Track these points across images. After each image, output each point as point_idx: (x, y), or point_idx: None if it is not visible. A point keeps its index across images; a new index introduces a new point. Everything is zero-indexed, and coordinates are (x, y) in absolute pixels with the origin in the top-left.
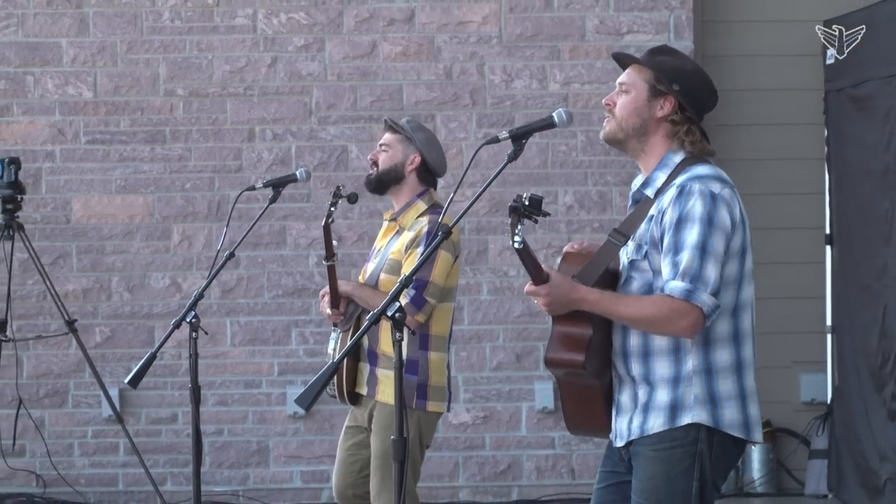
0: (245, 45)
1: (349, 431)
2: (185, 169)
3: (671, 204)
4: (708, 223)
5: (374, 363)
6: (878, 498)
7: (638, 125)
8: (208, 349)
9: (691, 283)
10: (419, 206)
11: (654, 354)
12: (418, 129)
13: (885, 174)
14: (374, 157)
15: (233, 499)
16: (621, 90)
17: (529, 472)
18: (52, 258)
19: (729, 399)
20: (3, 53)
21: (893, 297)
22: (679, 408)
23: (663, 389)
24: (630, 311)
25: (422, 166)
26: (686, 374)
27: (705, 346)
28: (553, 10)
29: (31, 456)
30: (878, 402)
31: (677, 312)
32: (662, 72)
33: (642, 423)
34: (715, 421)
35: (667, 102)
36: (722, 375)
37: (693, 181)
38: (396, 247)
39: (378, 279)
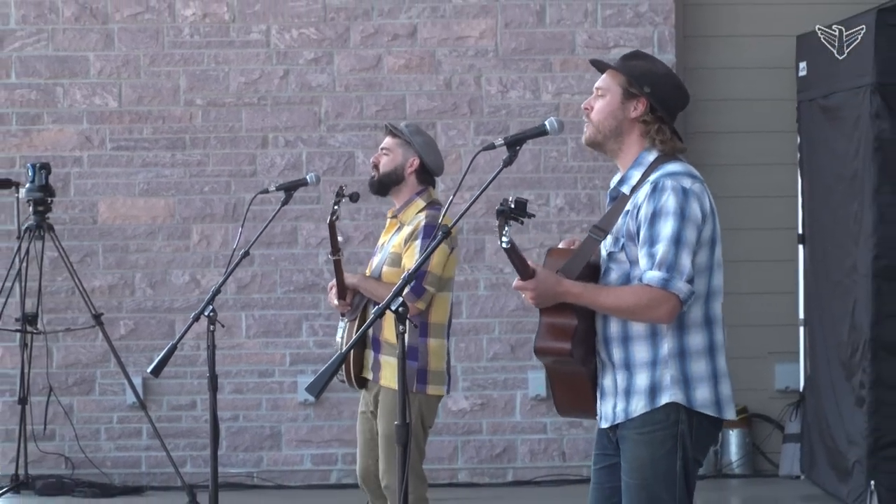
0: (259, 59)
1: (363, 416)
2: (203, 173)
3: (646, 199)
4: (681, 216)
5: (377, 350)
6: (847, 479)
7: (613, 126)
8: (225, 341)
9: (668, 273)
10: (418, 203)
11: (632, 340)
12: (416, 133)
13: (854, 179)
14: (375, 161)
15: (248, 480)
16: (598, 94)
17: (523, 455)
18: (79, 256)
19: (702, 380)
20: (34, 66)
21: (862, 293)
22: (657, 389)
23: (642, 373)
24: (611, 301)
25: (420, 168)
26: (662, 357)
27: (680, 331)
28: (545, 25)
29: (61, 440)
30: (847, 390)
31: (656, 300)
32: (634, 75)
33: (625, 406)
34: (689, 400)
35: (639, 104)
36: (695, 358)
37: (665, 178)
38: (397, 241)
39: (381, 271)
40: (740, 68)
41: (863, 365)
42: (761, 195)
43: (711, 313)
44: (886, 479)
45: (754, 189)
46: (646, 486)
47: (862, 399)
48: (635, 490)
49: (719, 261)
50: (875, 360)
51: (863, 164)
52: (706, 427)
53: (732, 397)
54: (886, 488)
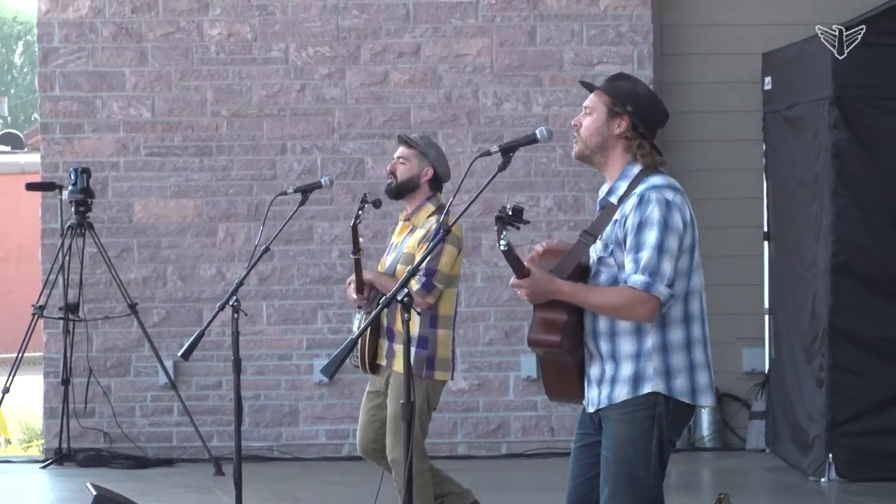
0: (278, 74)
1: (370, 395)
2: (228, 177)
3: (632, 210)
4: (664, 226)
5: (391, 339)
6: (808, 451)
7: (599, 142)
8: (247, 328)
9: (650, 277)
10: (429, 207)
11: (619, 334)
12: (430, 146)
13: (815, 183)
14: (392, 168)
15: (268, 453)
16: (586, 112)
17: (516, 430)
18: (116, 252)
19: (680, 371)
20: (76, 81)
21: (822, 285)
22: (640, 379)
23: (627, 364)
24: (599, 300)
25: (433, 177)
26: (646, 350)
27: (662, 327)
28: (536, 44)
29: (100, 417)
30: (808, 372)
31: (638, 301)
32: (618, 96)
33: (609, 392)
34: (669, 389)
35: (622, 121)
36: (675, 351)
37: (651, 191)
38: (411, 242)
39: (395, 270)
40: (712, 83)
41: (822, 350)
42: (730, 197)
43: (690, 311)
44: (843, 452)
45: (724, 192)
46: (625, 462)
47: (821, 381)
48: (614, 464)
49: (698, 263)
50: (833, 345)
51: (822, 169)
52: (682, 412)
53: (710, 385)
54: (842, 460)
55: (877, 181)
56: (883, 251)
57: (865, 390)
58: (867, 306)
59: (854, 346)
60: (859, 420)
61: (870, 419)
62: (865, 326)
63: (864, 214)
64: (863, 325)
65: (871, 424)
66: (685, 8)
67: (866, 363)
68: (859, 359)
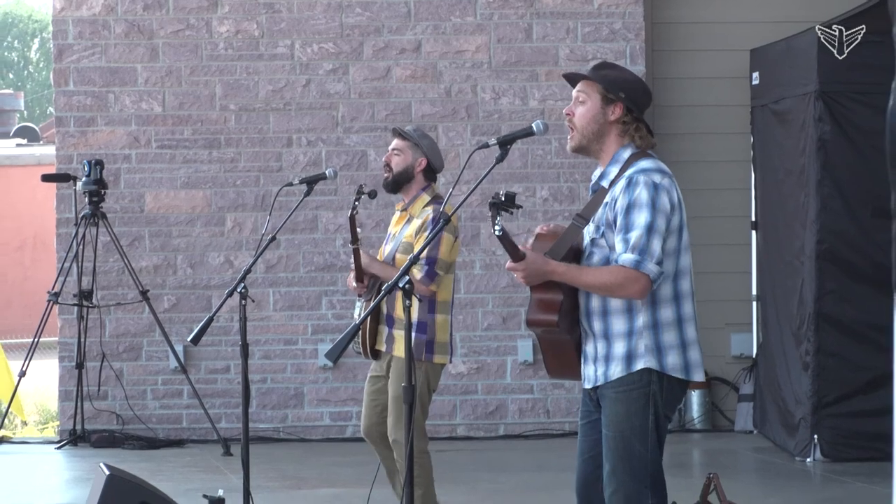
0: (284, 70)
1: (372, 380)
2: (236, 169)
3: (622, 193)
4: (652, 207)
5: (391, 325)
6: (794, 433)
7: (596, 129)
8: (255, 314)
9: (640, 255)
10: (424, 197)
11: (611, 313)
12: (423, 137)
13: (801, 173)
14: (387, 160)
15: (274, 434)
16: (578, 101)
17: (513, 412)
18: (128, 241)
19: (672, 347)
20: (89, 76)
21: (808, 273)
22: (633, 356)
23: (619, 342)
24: (591, 279)
25: (427, 167)
26: (637, 328)
27: (652, 306)
28: (532, 41)
29: (113, 399)
30: (795, 357)
31: (629, 279)
32: (609, 83)
33: (605, 370)
34: (661, 366)
35: (616, 108)
36: (666, 329)
37: (639, 174)
38: (408, 231)
39: (394, 258)
40: (702, 78)
41: (808, 335)
42: (719, 188)
43: (680, 290)
44: (828, 433)
45: (714, 182)
46: (623, 438)
47: (807, 364)
48: (613, 441)
49: (686, 244)
50: (818, 330)
51: (808, 160)
52: (675, 388)
53: (701, 362)
54: (827, 441)
55: (860, 172)
56: (866, 240)
57: (850, 374)
58: (851, 293)
59: (839, 332)
60: (843, 402)
61: (854, 402)
62: (850, 312)
63: (848, 204)
64: (847, 311)
65: (855, 407)
66: (676, 6)
67: (850, 348)
68: (844, 343)
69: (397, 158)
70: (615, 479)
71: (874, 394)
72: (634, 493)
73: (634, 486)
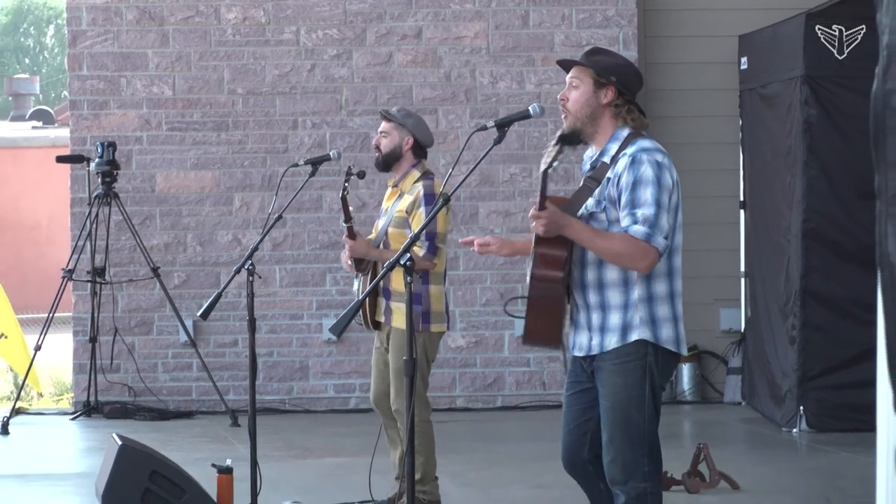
0: (290, 55)
1: (378, 352)
2: (243, 150)
3: (625, 170)
4: (658, 184)
5: (388, 298)
6: (781, 404)
7: (589, 113)
8: (262, 289)
9: (650, 229)
10: (414, 173)
11: (607, 286)
12: (408, 116)
13: (788, 155)
14: (377, 143)
15: (281, 405)
16: (571, 86)
17: (510, 384)
18: (140, 219)
19: (665, 321)
20: (102, 61)
21: (794, 250)
22: (628, 328)
23: (615, 314)
24: (604, 244)
25: (415, 144)
26: (633, 301)
27: (647, 280)
28: (529, 27)
29: (125, 372)
30: (782, 331)
31: (641, 252)
32: (601, 68)
33: (600, 341)
34: (655, 337)
35: (609, 91)
36: (660, 302)
37: (642, 152)
38: (400, 206)
39: (387, 231)
40: (692, 63)
41: (794, 310)
42: (709, 169)
43: (673, 266)
44: (813, 405)
45: (703, 164)
46: (620, 408)
47: (793, 339)
48: (611, 411)
49: (680, 223)
50: (805, 306)
51: (794, 143)
52: (669, 360)
53: (686, 338)
54: (813, 413)
55: (844, 154)
56: (851, 220)
57: (834, 348)
58: (836, 270)
59: (824, 307)
60: (828, 375)
61: (838, 374)
62: (835, 289)
63: (832, 185)
64: (832, 288)
65: (840, 379)
66: None
67: (835, 323)
68: (829, 319)
69: (385, 140)
70: (613, 448)
71: (858, 367)
72: (631, 460)
73: (631, 454)
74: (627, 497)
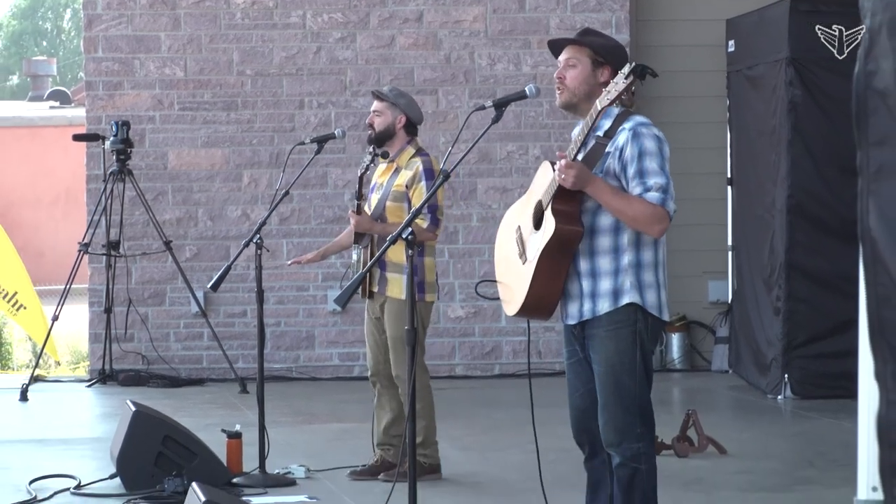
0: (297, 38)
1: (371, 323)
2: (252, 129)
3: (629, 143)
4: (661, 155)
5: (383, 268)
6: (766, 372)
7: (586, 90)
8: (269, 262)
9: (664, 194)
10: (409, 150)
11: (598, 253)
12: (400, 96)
13: (773, 133)
14: (370, 121)
15: (287, 373)
16: (568, 65)
17: (507, 353)
18: (153, 195)
19: (651, 286)
20: (116, 44)
21: (779, 225)
22: (619, 292)
23: (606, 280)
24: (623, 204)
25: (407, 122)
26: (623, 267)
27: (637, 247)
28: (525, 12)
29: (139, 342)
30: (766, 302)
31: (655, 217)
32: (598, 48)
33: (592, 307)
34: (643, 302)
35: (605, 70)
36: (647, 269)
37: (641, 126)
38: (398, 181)
39: (385, 205)
40: (681, 46)
41: (779, 282)
42: (698, 147)
43: None
44: (797, 373)
45: (693, 142)
46: (613, 373)
47: (778, 310)
48: (605, 376)
49: None
50: (789, 279)
51: (778, 122)
52: (656, 325)
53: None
54: (797, 380)
55: (827, 133)
56: (833, 195)
57: (818, 318)
58: (819, 244)
59: (808, 280)
60: (812, 345)
61: (821, 344)
62: (818, 262)
63: (816, 162)
64: (816, 261)
65: (822, 349)
66: None
67: (819, 295)
68: (813, 291)
69: (379, 119)
70: (607, 412)
71: (840, 337)
72: (624, 423)
73: (624, 417)
74: (623, 457)
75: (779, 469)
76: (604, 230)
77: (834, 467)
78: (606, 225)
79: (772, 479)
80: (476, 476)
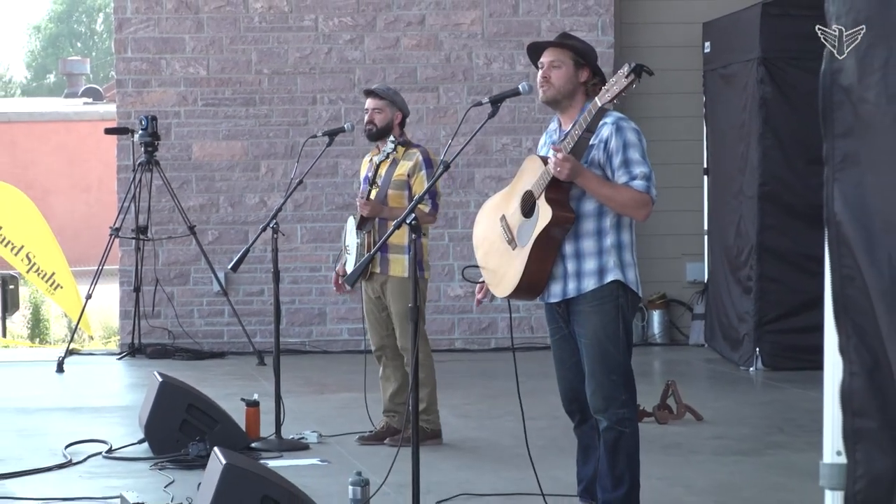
0: (310, 39)
1: (370, 302)
2: (269, 123)
3: (612, 135)
4: (641, 146)
5: (384, 251)
6: (738, 347)
7: (570, 89)
8: (285, 245)
9: (647, 182)
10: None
11: (582, 237)
12: (395, 94)
13: (742, 127)
14: (371, 118)
15: (301, 347)
16: (553, 66)
17: (503, 328)
18: (178, 184)
19: (629, 266)
20: (145, 45)
21: (746, 211)
22: (604, 270)
23: (591, 260)
24: (611, 192)
25: (402, 119)
26: (606, 247)
27: (618, 229)
28: (519, 15)
29: (165, 318)
30: (735, 282)
31: (641, 202)
32: (579, 51)
33: (577, 285)
34: (625, 279)
35: (584, 71)
36: (626, 250)
37: (622, 121)
38: (399, 171)
39: (386, 194)
40: (662, 47)
41: (750, 263)
42: (676, 139)
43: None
44: (768, 346)
45: (672, 135)
46: (598, 343)
47: (749, 288)
48: (591, 347)
49: None
50: (760, 260)
51: (748, 116)
52: (634, 300)
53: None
54: (767, 353)
55: (795, 126)
56: (801, 183)
57: (787, 296)
58: (789, 228)
59: (778, 261)
60: (782, 320)
61: (790, 320)
62: (787, 244)
63: (785, 153)
64: (785, 243)
65: (792, 324)
66: None
67: (788, 274)
68: (782, 271)
69: (379, 116)
70: (594, 381)
71: (808, 313)
72: (610, 391)
73: (609, 385)
74: (609, 422)
75: (750, 435)
76: (588, 214)
77: (801, 433)
78: (590, 210)
79: (744, 444)
80: (474, 441)
